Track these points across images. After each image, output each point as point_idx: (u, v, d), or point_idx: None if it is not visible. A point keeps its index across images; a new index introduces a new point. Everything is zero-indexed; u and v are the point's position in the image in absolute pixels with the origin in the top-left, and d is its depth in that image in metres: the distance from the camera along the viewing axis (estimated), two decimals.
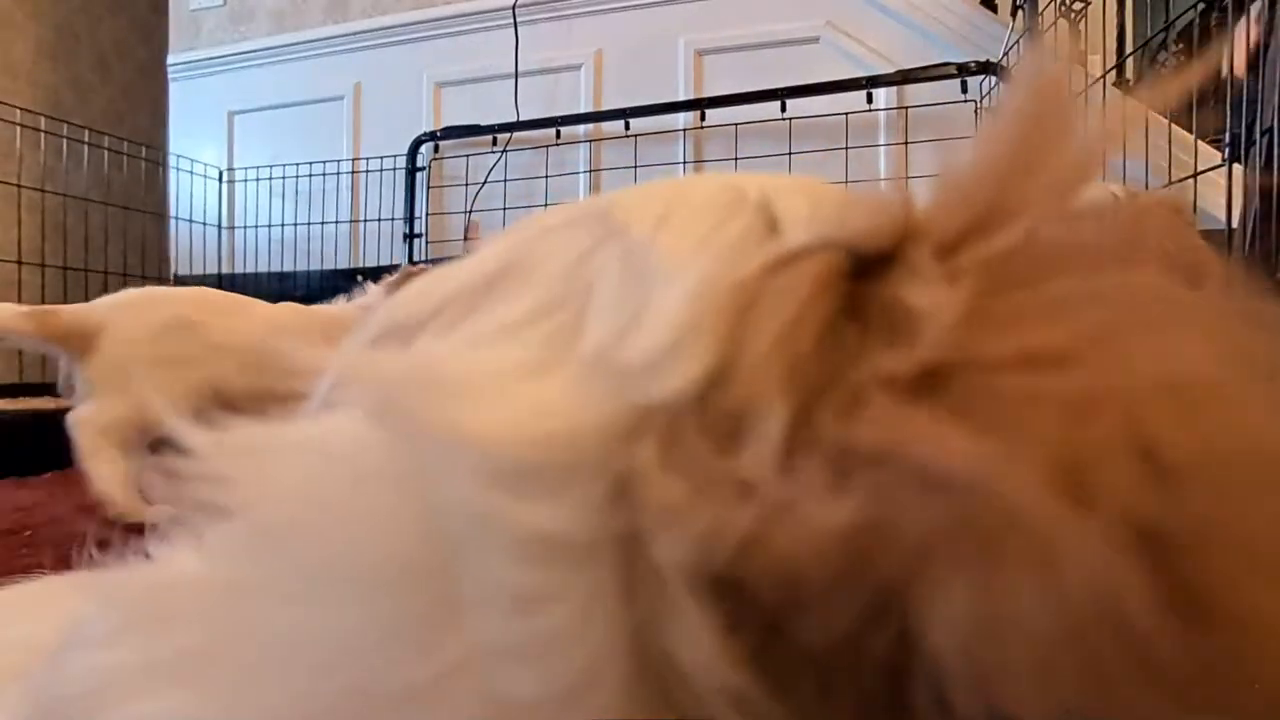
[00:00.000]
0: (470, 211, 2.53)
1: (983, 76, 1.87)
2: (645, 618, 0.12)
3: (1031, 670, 0.10)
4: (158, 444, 0.98)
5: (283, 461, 0.14)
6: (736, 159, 2.16)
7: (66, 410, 0.99)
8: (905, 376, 0.12)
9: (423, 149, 2.56)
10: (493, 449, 0.12)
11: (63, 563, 0.31)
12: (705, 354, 0.12)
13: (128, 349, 0.98)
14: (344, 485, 0.13)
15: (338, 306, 1.14)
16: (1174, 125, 1.33)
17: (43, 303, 2.19)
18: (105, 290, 1.03)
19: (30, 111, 2.29)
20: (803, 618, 0.11)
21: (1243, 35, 1.08)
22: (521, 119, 2.39)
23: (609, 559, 0.12)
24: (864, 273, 0.14)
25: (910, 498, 0.11)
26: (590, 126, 2.36)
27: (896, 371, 0.12)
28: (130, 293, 1.04)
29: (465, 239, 2.53)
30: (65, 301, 1.04)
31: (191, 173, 2.81)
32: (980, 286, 0.13)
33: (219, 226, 2.89)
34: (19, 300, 2.18)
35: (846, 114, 2.01)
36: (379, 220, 2.63)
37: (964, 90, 1.91)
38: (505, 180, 2.45)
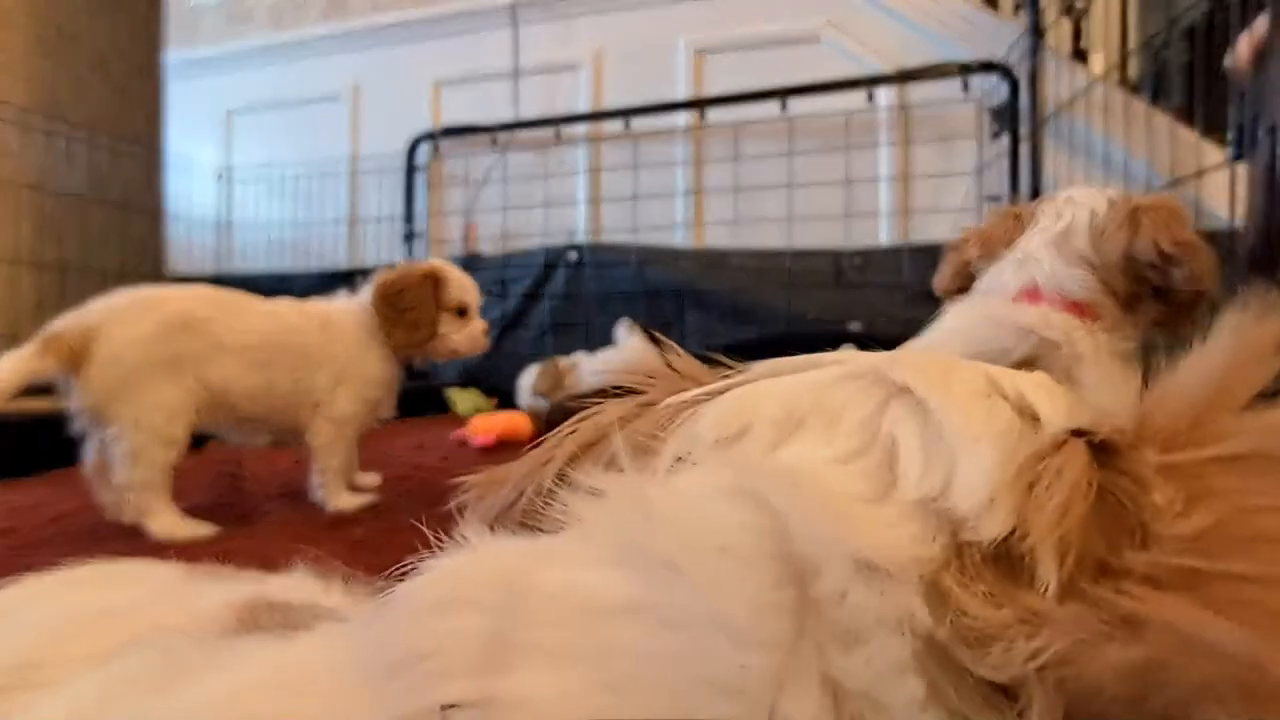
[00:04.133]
0: (469, 211, 2.52)
1: (984, 75, 1.87)
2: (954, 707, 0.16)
3: None
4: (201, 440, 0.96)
5: (659, 505, 0.19)
6: (736, 158, 2.16)
7: (64, 410, 0.94)
8: (1150, 575, 0.16)
9: (422, 149, 2.55)
10: (860, 549, 0.17)
11: (61, 562, 0.30)
12: (1009, 515, 0.18)
13: (126, 353, 0.92)
14: (713, 556, 0.18)
15: (336, 302, 1.12)
16: (1176, 123, 1.32)
17: (39, 301, 2.18)
18: (103, 289, 0.99)
19: (27, 110, 2.28)
20: None
21: (1250, 32, 1.07)
22: (521, 119, 2.39)
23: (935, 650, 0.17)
24: (1102, 463, 0.18)
25: (1186, 653, 0.15)
26: (590, 126, 2.35)
27: (1142, 570, 0.16)
28: (125, 294, 0.98)
29: (464, 239, 2.53)
30: (63, 301, 1.00)
31: (189, 172, 2.80)
32: (1209, 502, 0.17)
33: (216, 226, 2.88)
34: (18, 300, 2.17)
35: (847, 114, 2.00)
36: (378, 220, 2.63)
37: (965, 89, 1.91)
38: (505, 180, 2.45)
